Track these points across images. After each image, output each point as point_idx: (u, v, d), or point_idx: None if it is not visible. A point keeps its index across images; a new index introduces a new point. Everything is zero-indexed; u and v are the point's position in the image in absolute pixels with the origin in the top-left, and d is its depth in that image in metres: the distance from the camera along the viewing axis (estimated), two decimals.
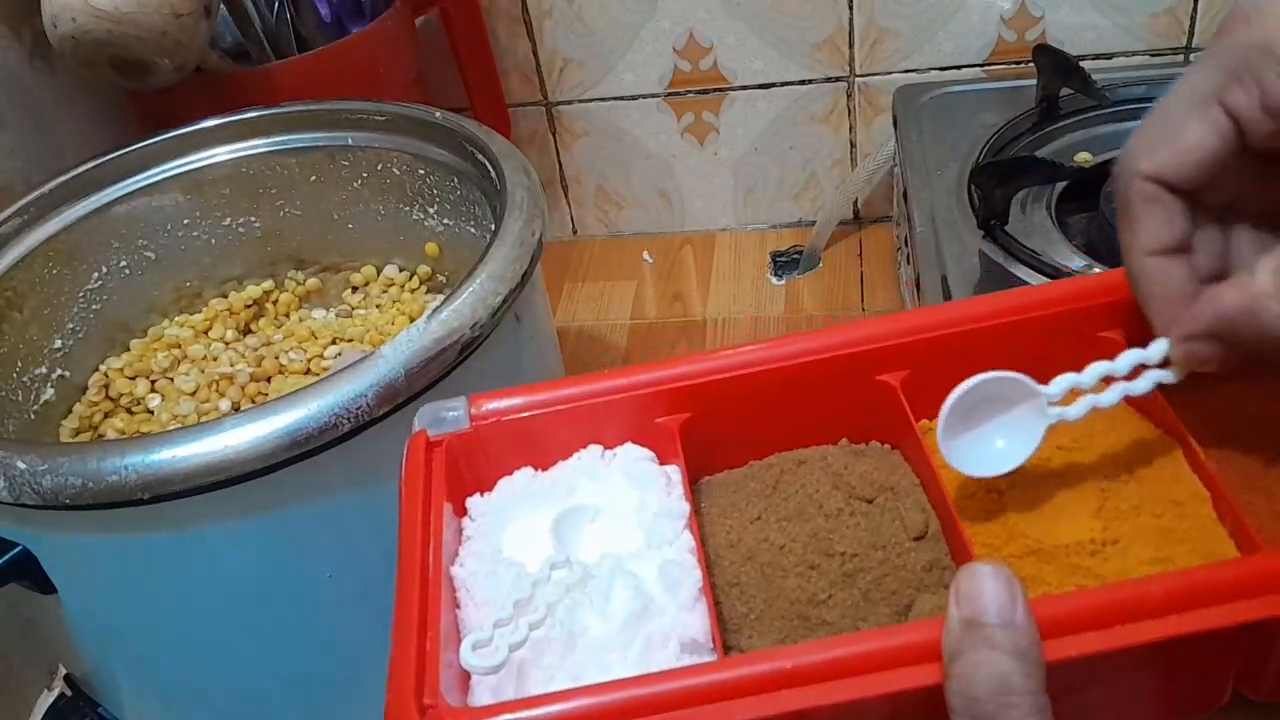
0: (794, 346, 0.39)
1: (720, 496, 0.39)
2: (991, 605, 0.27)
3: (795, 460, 0.40)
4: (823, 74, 0.85)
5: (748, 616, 0.35)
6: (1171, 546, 0.34)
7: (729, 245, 0.93)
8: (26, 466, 0.44)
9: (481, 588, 0.34)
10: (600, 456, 0.39)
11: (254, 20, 0.71)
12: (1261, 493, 0.36)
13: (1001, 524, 0.36)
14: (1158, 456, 0.37)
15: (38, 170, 0.69)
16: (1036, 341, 0.39)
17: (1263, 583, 0.29)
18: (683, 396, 0.38)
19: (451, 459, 0.38)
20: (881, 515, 0.37)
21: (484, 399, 0.39)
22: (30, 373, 0.62)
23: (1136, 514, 0.35)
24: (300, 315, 0.71)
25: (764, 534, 0.37)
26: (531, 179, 0.56)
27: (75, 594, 0.50)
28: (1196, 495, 0.35)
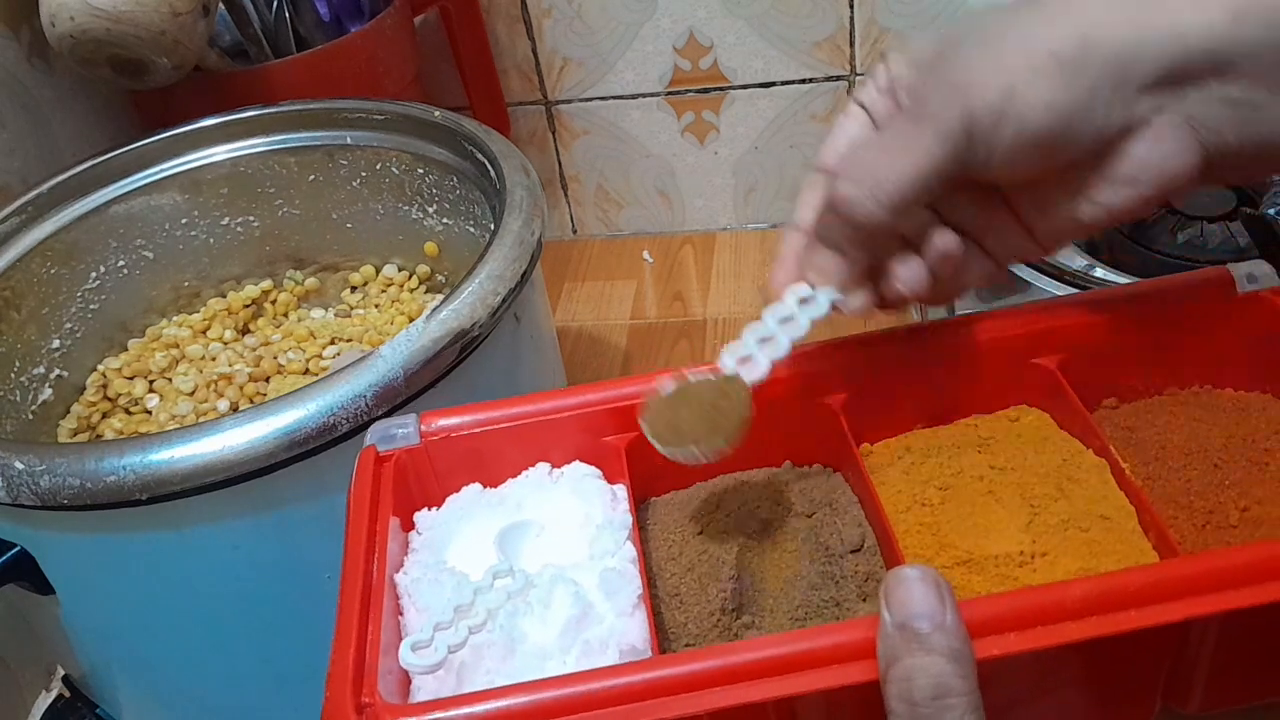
0: None
1: (665, 514, 0.40)
2: (922, 608, 0.27)
3: (739, 480, 0.41)
4: (823, 73, 0.85)
5: (686, 625, 0.35)
6: (1098, 558, 0.35)
7: (729, 245, 0.93)
8: (24, 467, 0.44)
9: (424, 594, 0.35)
10: (548, 474, 0.40)
11: (253, 19, 0.71)
12: (1184, 508, 0.37)
13: (934, 535, 0.36)
14: (1086, 475, 0.38)
15: (36, 169, 0.69)
16: (972, 366, 0.40)
17: (1179, 586, 0.29)
18: (630, 416, 0.39)
19: (400, 474, 0.38)
20: (820, 529, 0.38)
21: (435, 416, 0.39)
22: (28, 373, 0.62)
23: (1065, 528, 0.36)
24: (299, 315, 0.71)
25: (704, 547, 0.37)
26: (531, 178, 0.56)
27: (73, 594, 0.50)
28: (1122, 510, 0.36)
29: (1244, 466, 0.38)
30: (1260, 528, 0.36)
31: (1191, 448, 0.39)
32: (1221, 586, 0.29)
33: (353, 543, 0.35)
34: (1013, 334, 0.40)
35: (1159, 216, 0.59)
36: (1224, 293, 0.41)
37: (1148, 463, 0.39)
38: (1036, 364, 0.40)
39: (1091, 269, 0.57)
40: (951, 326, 0.40)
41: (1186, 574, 0.30)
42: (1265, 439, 0.39)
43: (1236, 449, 0.39)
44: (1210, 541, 0.36)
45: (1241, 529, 0.36)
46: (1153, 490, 0.38)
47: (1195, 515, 0.37)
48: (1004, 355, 0.40)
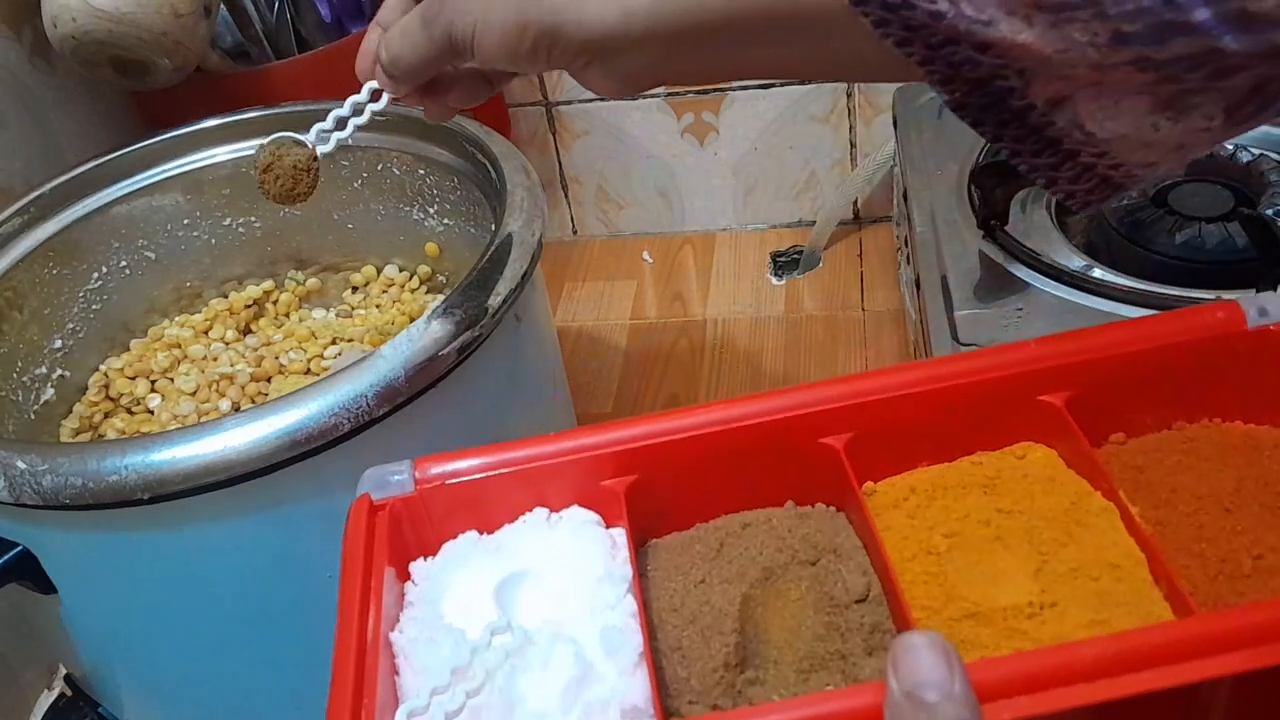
0: (739, 410, 0.39)
1: (666, 559, 0.39)
2: (930, 677, 0.27)
3: (740, 523, 0.40)
4: None
5: (688, 681, 0.34)
6: (1108, 609, 0.34)
7: (729, 245, 0.93)
8: (27, 466, 0.44)
9: (420, 655, 0.34)
10: (546, 520, 0.39)
11: (254, 20, 0.72)
12: (1196, 556, 0.36)
13: (941, 586, 0.36)
14: (1095, 520, 0.38)
15: (38, 170, 0.69)
16: (977, 404, 0.40)
17: (1193, 647, 0.29)
18: (629, 459, 0.39)
19: (395, 523, 0.37)
20: (824, 578, 0.37)
21: (429, 463, 0.39)
22: (30, 373, 0.62)
23: (1074, 576, 0.36)
24: (300, 315, 0.71)
25: (706, 597, 0.37)
26: (531, 179, 0.56)
27: (75, 594, 0.50)
28: (1133, 558, 0.36)
29: (1256, 511, 0.38)
30: (1274, 577, 0.35)
31: (1202, 490, 0.38)
32: (1235, 647, 0.29)
33: (346, 599, 0.34)
34: (1019, 370, 0.40)
35: (1158, 217, 0.59)
36: (1234, 327, 0.40)
37: (1158, 506, 0.38)
38: (1043, 401, 0.40)
39: (1090, 269, 0.57)
40: (956, 362, 0.40)
41: (1200, 634, 0.29)
42: (1277, 481, 0.39)
43: (1248, 492, 0.38)
44: (1223, 592, 0.35)
45: (1255, 578, 0.35)
46: (1163, 536, 0.37)
47: (1207, 564, 0.36)
48: (1010, 391, 0.40)
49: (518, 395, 0.55)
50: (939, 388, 0.40)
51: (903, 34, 0.34)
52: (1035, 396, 0.40)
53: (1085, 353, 0.40)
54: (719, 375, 0.80)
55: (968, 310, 0.56)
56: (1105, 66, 0.33)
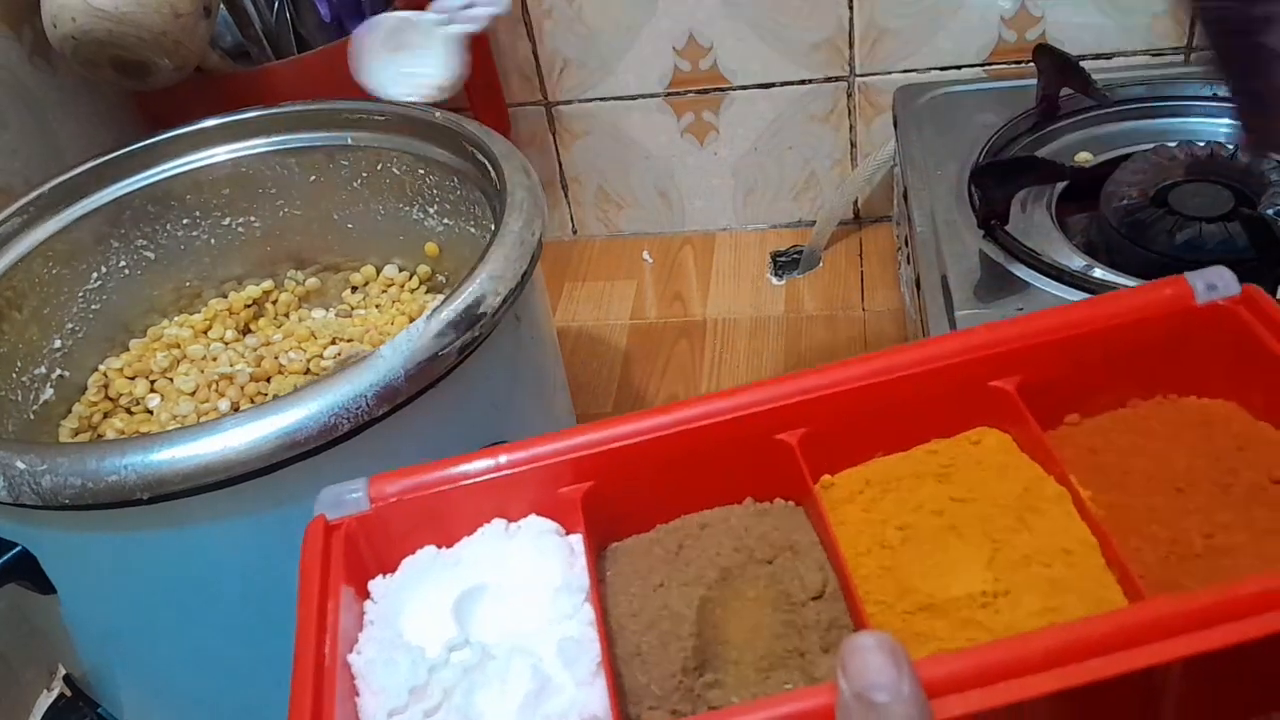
0: (693, 411, 0.39)
1: (625, 564, 0.39)
2: (879, 679, 0.27)
3: (699, 524, 0.40)
4: (823, 74, 0.85)
5: (649, 687, 0.34)
6: (1061, 596, 0.34)
7: (729, 245, 0.93)
8: (26, 466, 0.44)
9: (378, 676, 0.34)
10: (504, 531, 0.39)
11: (254, 20, 0.71)
12: (1148, 539, 0.36)
13: (894, 579, 0.36)
14: (1048, 505, 0.38)
15: (38, 170, 0.69)
16: (929, 394, 0.40)
17: (1142, 633, 0.29)
18: (586, 466, 0.39)
19: (352, 541, 0.37)
20: (781, 575, 0.37)
21: (385, 480, 0.38)
22: (30, 373, 0.62)
23: (1027, 564, 0.36)
24: (300, 315, 0.71)
25: (665, 601, 0.37)
26: (531, 179, 0.56)
27: (75, 594, 0.50)
28: (1085, 543, 0.36)
29: (1207, 490, 0.38)
30: (1225, 556, 0.35)
31: (1154, 471, 0.39)
32: (1185, 630, 0.29)
33: (304, 621, 0.34)
34: (970, 357, 0.40)
35: (1158, 217, 0.59)
36: (1182, 303, 0.40)
37: (1110, 489, 0.38)
38: (995, 386, 0.40)
39: (1090, 269, 0.57)
40: (908, 352, 0.40)
41: (1149, 619, 0.29)
42: (1229, 456, 0.39)
43: (1200, 470, 0.38)
44: (1174, 573, 0.35)
45: (1206, 558, 0.36)
46: (1115, 520, 0.37)
47: (1158, 545, 0.36)
48: (962, 379, 0.40)
49: (518, 395, 0.55)
50: (891, 379, 0.40)
51: None
52: (987, 383, 0.40)
53: (1035, 336, 0.40)
54: (719, 375, 0.80)
55: (968, 310, 0.56)
56: None
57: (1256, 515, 0.36)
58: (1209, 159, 0.63)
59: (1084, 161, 0.67)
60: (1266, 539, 0.36)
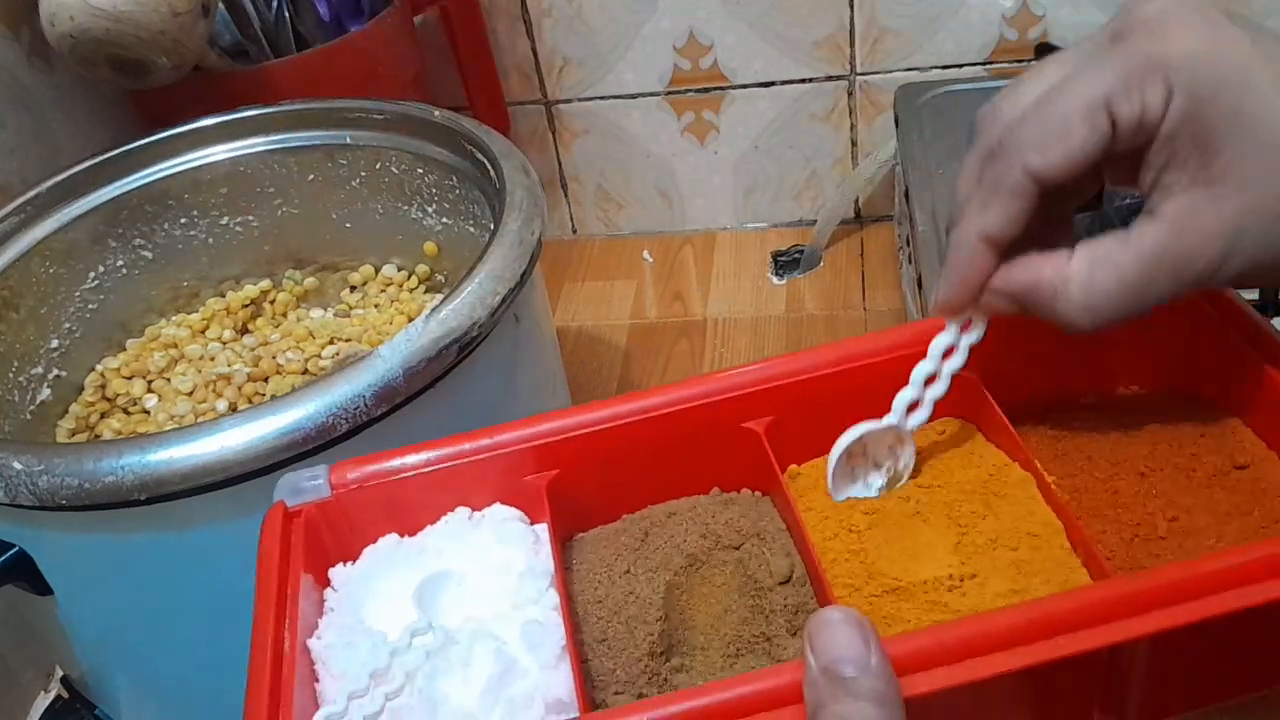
0: (659, 399, 0.39)
1: (591, 552, 0.39)
2: (847, 652, 0.27)
3: (666, 512, 0.40)
4: (823, 72, 0.85)
5: (615, 672, 0.34)
6: (1026, 579, 0.35)
7: (729, 244, 0.93)
8: (23, 467, 0.44)
9: (338, 660, 0.34)
10: (468, 519, 0.39)
11: (253, 19, 0.71)
12: (1112, 522, 0.37)
13: (862, 564, 0.36)
14: (1013, 490, 0.38)
15: (35, 169, 0.69)
16: (889, 383, 0.40)
17: (1105, 610, 0.29)
18: (550, 453, 0.38)
19: (312, 529, 0.37)
20: (748, 561, 0.37)
21: (346, 467, 0.38)
22: (26, 372, 0.62)
23: (993, 548, 0.36)
24: (298, 315, 0.71)
25: (631, 587, 0.37)
26: (531, 178, 0.56)
27: (72, 595, 0.50)
28: (1050, 526, 0.36)
29: (1170, 474, 0.38)
30: (1188, 538, 0.36)
31: (1117, 456, 0.39)
32: (1148, 608, 0.29)
33: (261, 608, 0.34)
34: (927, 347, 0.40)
35: None
36: None
37: (1074, 474, 0.39)
38: (960, 375, 0.40)
39: None
40: (872, 340, 0.40)
41: (1112, 597, 0.29)
42: (1191, 443, 0.39)
43: (1163, 455, 0.39)
44: (1138, 555, 0.36)
45: (1169, 540, 0.36)
46: (1080, 503, 0.37)
47: (1123, 528, 0.36)
48: None
49: (517, 395, 0.55)
50: (856, 366, 0.40)
51: None
52: None
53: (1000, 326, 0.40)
54: None
55: None
56: None
57: (1218, 498, 0.37)
58: None
59: None
60: (1228, 521, 0.36)
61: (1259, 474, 0.38)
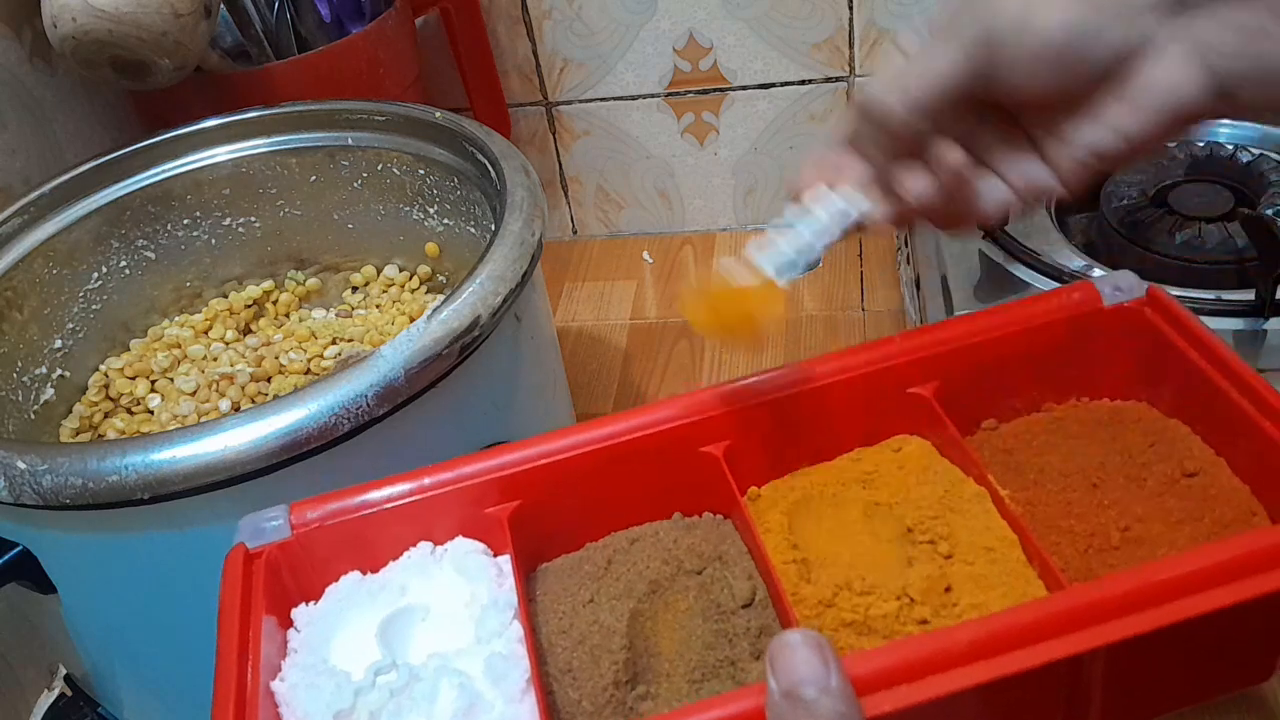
0: (618, 426, 0.39)
1: (555, 582, 0.39)
2: (807, 674, 0.27)
3: (628, 539, 0.40)
4: (823, 74, 0.85)
5: (580, 703, 0.34)
6: (984, 593, 0.35)
7: (729, 245, 0.93)
8: (27, 466, 0.44)
9: (302, 701, 0.34)
10: (431, 553, 0.39)
11: (254, 20, 0.71)
12: (1066, 533, 0.37)
13: (822, 584, 0.36)
14: (969, 505, 0.38)
15: (38, 170, 0.69)
16: (850, 403, 0.40)
17: (1063, 622, 0.29)
18: (512, 485, 0.38)
19: (273, 570, 0.37)
20: (710, 586, 0.37)
21: (306, 506, 0.38)
22: (30, 373, 0.62)
23: (951, 563, 0.36)
24: (300, 315, 0.71)
25: (595, 616, 0.37)
26: (531, 179, 0.56)
27: (75, 594, 0.50)
28: (1006, 540, 0.36)
29: (1122, 484, 0.38)
30: (1141, 547, 0.36)
31: (1070, 468, 0.39)
32: (1105, 618, 0.29)
33: (224, 654, 0.34)
34: (888, 365, 0.40)
35: (1158, 217, 0.59)
36: (1091, 306, 0.41)
37: (1027, 487, 0.39)
38: (913, 393, 0.40)
39: (1090, 270, 0.57)
40: (828, 362, 0.41)
41: (1069, 609, 0.30)
42: (1141, 453, 0.39)
43: (1114, 466, 0.39)
44: (1093, 565, 0.36)
45: (1123, 549, 0.36)
46: (1034, 516, 0.38)
47: (1077, 539, 0.37)
48: (881, 387, 0.41)
49: (518, 395, 0.55)
50: (812, 389, 0.40)
51: None
52: (905, 390, 0.41)
53: (949, 343, 0.41)
54: (719, 376, 0.80)
55: (968, 310, 0.56)
56: None
57: (1170, 506, 0.37)
58: (1209, 159, 0.63)
59: None
60: (1180, 528, 0.36)
61: (1208, 481, 0.38)
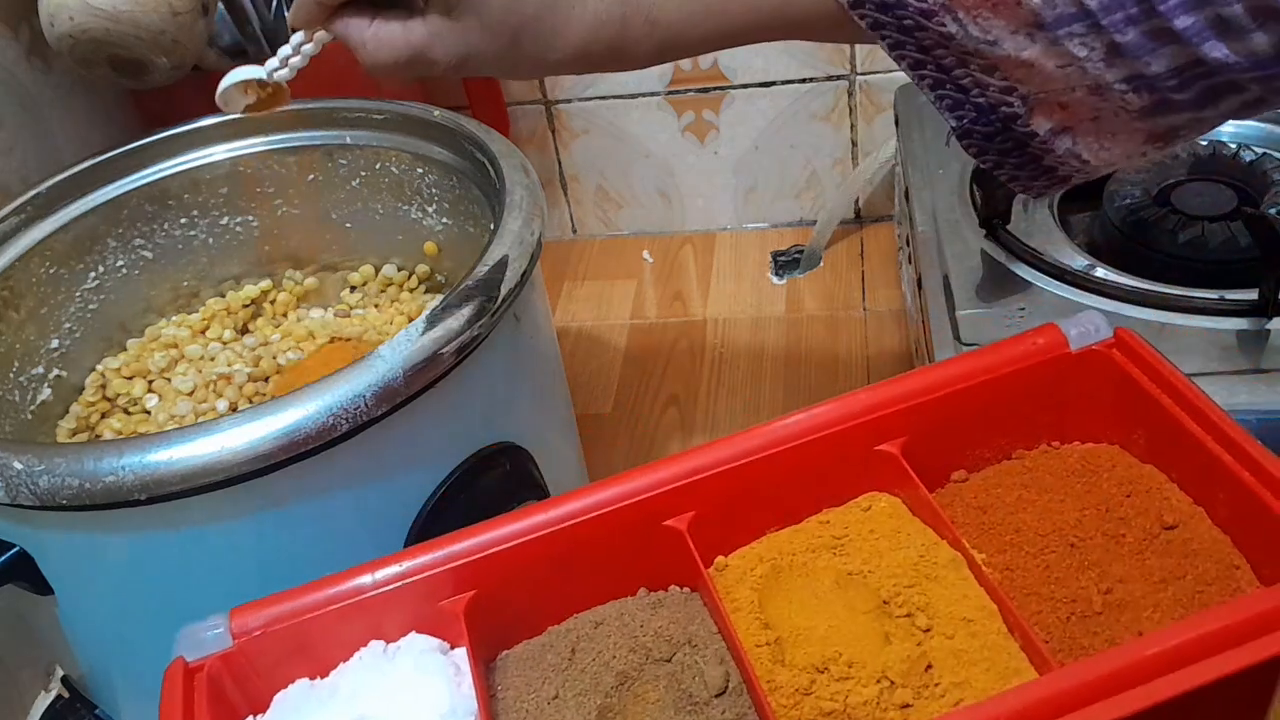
0: (576, 504, 0.38)
1: (517, 675, 0.37)
2: None
3: (592, 622, 0.39)
4: (824, 72, 0.85)
5: None
6: (966, 670, 0.34)
7: (729, 244, 0.93)
8: (23, 467, 0.44)
9: None
10: (383, 652, 0.37)
11: (251, 18, 0.71)
12: (1046, 600, 0.36)
13: (796, 668, 0.35)
14: (944, 572, 0.37)
15: (35, 169, 0.69)
16: (816, 464, 0.40)
17: (1051, 708, 0.29)
18: (465, 575, 0.37)
19: (215, 683, 0.35)
20: (681, 674, 0.36)
21: (247, 612, 0.37)
22: (27, 373, 0.62)
23: (930, 637, 0.36)
24: (298, 315, 0.71)
25: (561, 715, 0.35)
26: (531, 178, 0.56)
27: (72, 595, 0.50)
28: (985, 610, 0.36)
29: (1101, 542, 0.38)
30: (1124, 611, 0.36)
31: (1046, 527, 0.39)
32: (1093, 699, 0.29)
33: None
34: (853, 424, 0.40)
35: (1161, 216, 0.59)
36: (1056, 350, 0.41)
37: (1004, 550, 0.38)
38: (880, 450, 0.40)
39: (1093, 269, 0.57)
40: (791, 424, 0.40)
41: (1056, 693, 0.29)
42: (1119, 505, 0.39)
43: (1091, 522, 0.39)
44: (1076, 634, 0.35)
45: (1106, 615, 0.36)
46: (1012, 582, 0.37)
47: (1058, 606, 0.36)
48: (847, 446, 0.40)
49: (517, 395, 0.55)
50: (775, 453, 0.39)
51: (902, 43, 0.34)
52: (872, 447, 0.40)
53: (915, 397, 0.40)
54: (719, 375, 0.80)
55: (970, 310, 0.55)
56: (1103, 88, 0.33)
57: (1151, 565, 0.37)
58: (1211, 158, 0.62)
59: None
60: (1162, 589, 0.36)
61: (1188, 533, 0.37)
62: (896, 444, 0.40)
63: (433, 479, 0.49)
